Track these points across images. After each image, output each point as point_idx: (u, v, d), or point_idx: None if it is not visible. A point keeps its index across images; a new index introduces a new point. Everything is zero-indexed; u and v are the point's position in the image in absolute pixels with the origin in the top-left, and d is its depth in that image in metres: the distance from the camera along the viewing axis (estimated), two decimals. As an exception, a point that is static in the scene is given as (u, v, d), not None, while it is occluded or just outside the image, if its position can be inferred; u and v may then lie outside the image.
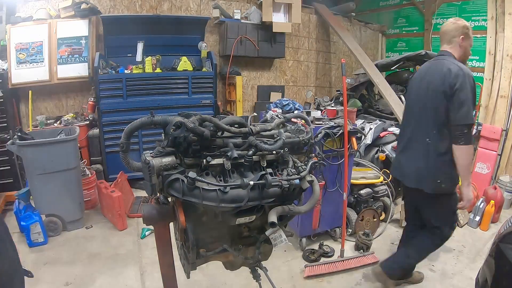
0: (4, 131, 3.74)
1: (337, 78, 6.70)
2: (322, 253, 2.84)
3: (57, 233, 3.12)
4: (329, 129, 2.73)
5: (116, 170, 3.91)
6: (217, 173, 1.18)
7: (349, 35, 5.93)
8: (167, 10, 4.88)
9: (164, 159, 1.13)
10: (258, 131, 1.27)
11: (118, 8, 4.61)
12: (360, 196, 3.17)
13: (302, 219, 2.84)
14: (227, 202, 1.10)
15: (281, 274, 2.61)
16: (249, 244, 1.35)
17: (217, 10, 5.05)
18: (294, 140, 1.30)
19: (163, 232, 1.35)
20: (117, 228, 3.27)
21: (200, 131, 1.12)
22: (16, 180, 3.77)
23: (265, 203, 1.16)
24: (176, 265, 1.45)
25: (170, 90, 4.40)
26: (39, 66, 4.11)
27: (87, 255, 2.84)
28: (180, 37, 4.69)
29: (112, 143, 4.13)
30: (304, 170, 1.20)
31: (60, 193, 3.07)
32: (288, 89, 6.05)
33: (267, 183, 1.11)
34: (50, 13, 4.19)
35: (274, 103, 3.65)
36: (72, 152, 3.15)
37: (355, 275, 2.63)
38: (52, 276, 2.54)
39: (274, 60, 5.82)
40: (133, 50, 4.28)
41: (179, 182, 1.10)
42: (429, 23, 6.24)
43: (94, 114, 4.36)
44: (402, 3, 6.91)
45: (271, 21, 5.07)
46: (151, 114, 1.20)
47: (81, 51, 4.30)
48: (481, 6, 5.24)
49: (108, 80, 4.11)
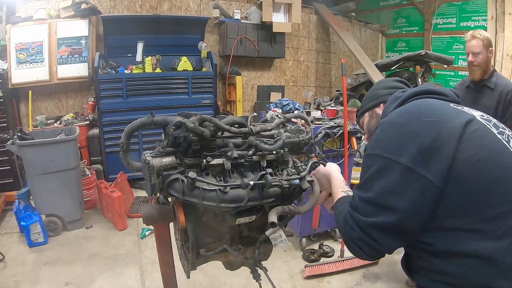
0: (4, 131, 3.74)
1: (337, 78, 6.70)
2: (322, 253, 2.84)
3: (57, 233, 3.12)
4: (329, 129, 2.73)
5: (116, 170, 3.91)
6: (217, 173, 1.17)
7: (349, 35, 5.93)
8: (167, 10, 4.88)
9: (164, 159, 1.13)
10: (258, 131, 1.27)
11: (118, 8, 4.61)
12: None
13: (302, 219, 2.84)
14: (227, 202, 1.09)
15: (281, 274, 2.61)
16: (249, 244, 1.34)
17: (217, 10, 5.05)
18: (294, 140, 1.30)
19: (163, 232, 1.35)
20: (117, 228, 3.27)
21: (200, 131, 1.12)
22: (16, 180, 3.77)
23: (265, 203, 1.16)
24: (176, 265, 1.45)
25: (170, 90, 4.41)
26: (39, 66, 4.11)
27: (87, 255, 2.84)
28: (180, 37, 4.70)
29: (112, 143, 4.13)
30: (304, 170, 1.20)
31: (60, 193, 3.07)
32: (288, 89, 6.05)
33: (267, 183, 1.11)
34: (50, 13, 4.19)
35: (274, 103, 3.65)
36: (72, 152, 3.15)
37: (355, 275, 2.63)
38: (52, 276, 2.54)
39: (274, 60, 5.82)
40: (133, 50, 4.28)
41: (179, 182, 1.09)
42: (429, 23, 6.24)
43: (94, 114, 4.36)
44: (402, 3, 6.91)
45: (271, 21, 5.07)
46: (151, 114, 1.20)
47: (81, 51, 4.30)
48: (481, 6, 5.24)
49: (108, 80, 4.11)
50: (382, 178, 0.86)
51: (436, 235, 0.86)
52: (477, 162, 0.82)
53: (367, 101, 1.22)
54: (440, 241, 0.86)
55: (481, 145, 0.84)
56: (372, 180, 0.88)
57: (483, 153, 0.83)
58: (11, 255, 2.80)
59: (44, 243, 2.96)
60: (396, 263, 2.74)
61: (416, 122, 0.88)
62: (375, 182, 0.87)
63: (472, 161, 0.82)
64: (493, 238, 0.81)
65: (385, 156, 0.87)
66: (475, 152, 0.83)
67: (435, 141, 0.83)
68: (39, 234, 2.93)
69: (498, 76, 2.34)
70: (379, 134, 0.93)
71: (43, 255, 2.82)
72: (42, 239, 2.95)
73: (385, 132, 0.92)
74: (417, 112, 0.92)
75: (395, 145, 0.86)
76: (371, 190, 0.87)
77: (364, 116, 1.24)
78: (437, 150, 0.83)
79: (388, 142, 0.89)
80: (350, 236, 0.89)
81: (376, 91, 1.21)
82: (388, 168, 0.85)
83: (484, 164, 0.83)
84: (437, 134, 0.84)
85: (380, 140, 0.91)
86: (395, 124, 0.91)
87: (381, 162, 0.87)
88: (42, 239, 2.95)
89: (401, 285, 2.45)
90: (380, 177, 0.87)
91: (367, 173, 0.91)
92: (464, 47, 2.47)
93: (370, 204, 0.87)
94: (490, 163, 0.83)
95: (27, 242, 2.92)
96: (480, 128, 0.87)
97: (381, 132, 0.93)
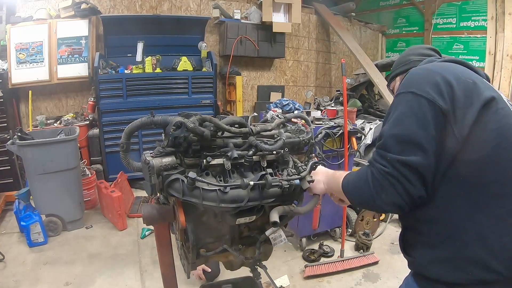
0: (4, 131, 3.74)
1: (337, 78, 6.70)
2: (322, 253, 2.84)
3: (57, 233, 3.12)
4: (329, 129, 2.73)
5: (116, 170, 3.91)
6: (217, 173, 1.17)
7: (349, 35, 5.93)
8: (167, 10, 4.88)
9: (164, 159, 1.13)
10: (258, 131, 1.27)
11: (118, 8, 4.61)
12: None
13: (302, 219, 2.84)
14: (227, 202, 1.09)
15: (281, 274, 2.60)
16: (249, 244, 1.34)
17: (217, 10, 5.05)
18: (294, 140, 1.30)
19: (163, 232, 1.35)
20: (117, 228, 3.27)
21: (200, 131, 1.12)
22: (16, 180, 3.77)
23: (265, 203, 1.16)
24: (176, 265, 1.45)
25: (170, 90, 4.41)
26: (39, 66, 4.11)
27: (87, 255, 2.84)
28: (180, 37, 4.69)
29: (112, 143, 4.12)
30: (305, 170, 1.19)
31: (60, 193, 3.07)
32: (288, 89, 6.05)
33: (267, 183, 1.11)
34: (50, 13, 4.19)
35: (274, 103, 3.65)
36: (72, 152, 3.15)
37: (355, 275, 2.63)
38: (52, 276, 2.54)
39: (274, 60, 5.82)
40: (133, 50, 4.28)
41: (179, 182, 1.09)
42: (429, 23, 6.24)
43: (94, 114, 4.36)
44: (402, 3, 6.91)
45: (271, 21, 5.07)
46: (151, 114, 1.20)
47: (81, 51, 4.30)
48: (481, 6, 5.24)
49: (108, 80, 4.11)
50: (414, 116, 0.85)
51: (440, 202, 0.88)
52: (497, 137, 0.85)
53: (399, 66, 1.22)
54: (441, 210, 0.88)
55: (504, 123, 0.86)
56: (404, 117, 0.87)
57: (505, 132, 0.86)
58: (11, 255, 2.80)
59: (44, 243, 2.96)
60: (396, 263, 2.75)
61: (452, 75, 0.89)
62: (406, 119, 0.86)
63: (492, 134, 0.84)
64: (491, 216, 0.84)
65: (420, 94, 0.86)
66: (498, 126, 0.85)
67: (467, 98, 0.85)
68: (39, 234, 2.93)
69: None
70: (414, 75, 0.93)
71: (43, 255, 2.82)
72: (42, 239, 2.95)
73: (422, 75, 0.92)
74: (453, 68, 0.93)
75: (431, 88, 0.86)
76: (402, 126, 0.86)
77: (396, 80, 1.25)
78: (466, 106, 0.84)
79: (424, 83, 0.88)
80: (383, 172, 0.86)
81: (408, 56, 1.21)
82: (422, 106, 0.85)
83: (503, 142, 0.85)
84: (470, 92, 0.86)
85: (415, 81, 0.91)
86: (433, 71, 0.92)
87: (415, 99, 0.87)
88: (42, 239, 2.95)
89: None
90: (412, 114, 0.86)
91: (398, 111, 0.89)
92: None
93: (401, 142, 0.85)
94: (510, 143, 0.85)
95: (27, 242, 2.92)
96: (505, 107, 0.89)
97: (417, 74, 0.93)
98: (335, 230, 3.10)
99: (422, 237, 0.95)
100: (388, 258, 2.86)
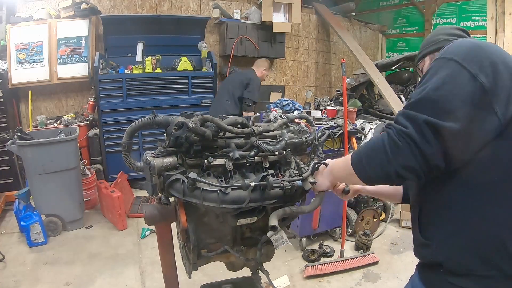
0: (4, 131, 3.74)
1: (337, 78, 6.70)
2: (322, 253, 2.84)
3: (57, 233, 3.12)
4: (329, 129, 2.73)
5: (116, 170, 3.90)
6: (218, 173, 1.17)
7: (349, 35, 5.93)
8: (167, 10, 4.87)
9: (165, 159, 1.13)
10: (260, 131, 1.27)
11: (118, 8, 4.60)
12: (360, 196, 3.17)
13: (302, 219, 2.84)
14: (228, 203, 1.09)
15: (281, 274, 2.60)
16: (251, 245, 1.34)
17: (217, 10, 5.04)
18: (297, 141, 1.29)
19: (165, 232, 1.35)
20: (117, 228, 3.26)
21: (201, 132, 1.12)
22: (16, 180, 3.76)
23: (266, 204, 1.15)
24: (177, 264, 1.45)
25: (170, 90, 4.40)
26: (39, 66, 4.10)
27: (87, 255, 2.84)
28: (180, 37, 4.69)
29: (112, 143, 4.12)
30: (307, 171, 1.19)
31: (60, 193, 3.07)
32: (288, 89, 6.05)
33: (269, 185, 1.10)
34: (50, 13, 4.18)
35: (274, 103, 3.65)
36: (72, 152, 3.15)
37: (355, 275, 2.63)
38: (52, 276, 2.54)
39: (274, 60, 5.82)
40: (133, 50, 4.27)
41: (179, 183, 1.09)
42: (429, 23, 6.25)
43: (94, 114, 4.36)
44: (402, 3, 6.92)
45: (271, 21, 5.06)
46: (153, 114, 1.20)
47: (81, 51, 4.29)
48: (481, 6, 5.25)
49: (108, 80, 4.10)
50: (452, 83, 0.79)
51: (465, 187, 0.84)
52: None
53: (428, 45, 1.19)
54: (462, 194, 0.84)
55: None
56: (443, 83, 0.81)
57: None
58: (11, 255, 2.79)
59: (44, 243, 2.95)
60: (396, 263, 2.74)
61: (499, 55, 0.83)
62: (445, 85, 0.80)
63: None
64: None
65: (464, 66, 0.80)
66: None
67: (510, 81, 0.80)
68: (39, 234, 2.92)
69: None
70: (462, 46, 0.87)
71: (43, 255, 2.81)
72: (42, 239, 2.94)
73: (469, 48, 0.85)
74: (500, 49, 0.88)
75: (473, 59, 0.81)
76: (439, 91, 0.80)
77: (425, 60, 1.21)
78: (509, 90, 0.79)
79: (466, 54, 0.82)
80: (401, 132, 0.80)
81: (437, 36, 1.18)
82: (463, 78, 0.79)
83: None
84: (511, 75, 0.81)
85: (462, 51, 0.84)
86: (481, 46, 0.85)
87: (457, 69, 0.81)
88: (42, 239, 2.95)
89: (402, 285, 2.46)
90: (452, 82, 0.80)
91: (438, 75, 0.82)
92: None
93: (435, 106, 0.79)
94: None
95: (27, 242, 2.92)
96: None
97: (464, 46, 0.86)
98: (335, 230, 3.10)
99: (438, 217, 0.89)
100: (388, 258, 2.86)
